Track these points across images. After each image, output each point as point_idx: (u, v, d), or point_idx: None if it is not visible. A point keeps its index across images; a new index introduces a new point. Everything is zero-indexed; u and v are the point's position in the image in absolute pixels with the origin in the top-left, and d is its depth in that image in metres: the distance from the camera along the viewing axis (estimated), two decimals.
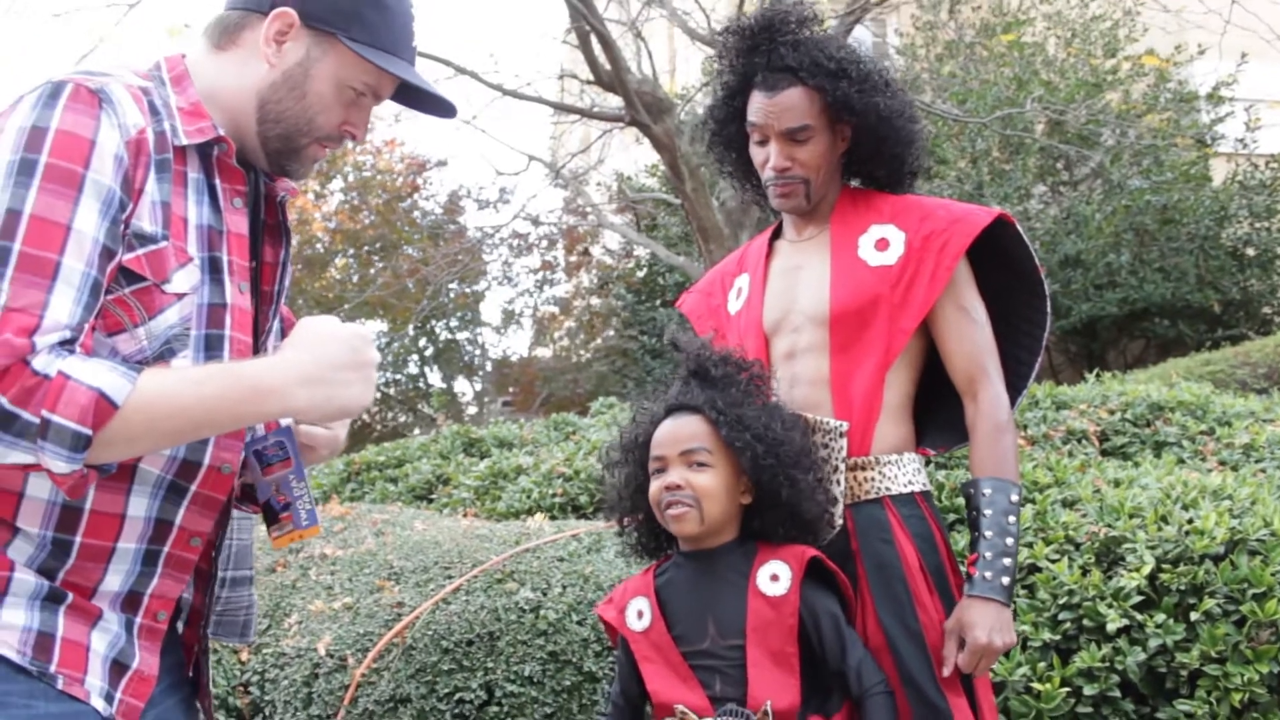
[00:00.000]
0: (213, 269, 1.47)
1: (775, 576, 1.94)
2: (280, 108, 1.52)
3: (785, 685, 1.87)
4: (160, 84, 1.49)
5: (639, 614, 2.01)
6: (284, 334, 1.71)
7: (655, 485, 1.99)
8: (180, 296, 1.42)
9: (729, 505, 1.98)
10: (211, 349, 1.46)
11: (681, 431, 1.99)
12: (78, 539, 1.39)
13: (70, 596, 1.39)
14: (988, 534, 2.00)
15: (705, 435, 1.98)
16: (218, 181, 1.50)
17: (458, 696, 3.04)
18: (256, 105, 1.52)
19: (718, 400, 2.00)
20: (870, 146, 2.17)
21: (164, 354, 1.41)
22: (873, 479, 2.07)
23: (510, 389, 16.44)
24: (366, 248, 15.61)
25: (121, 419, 1.28)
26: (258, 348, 1.59)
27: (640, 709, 2.04)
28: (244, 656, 3.51)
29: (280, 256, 1.64)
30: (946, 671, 1.96)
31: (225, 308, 1.47)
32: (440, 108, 1.65)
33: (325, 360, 1.40)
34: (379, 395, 16.87)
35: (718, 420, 1.98)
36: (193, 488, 1.48)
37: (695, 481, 1.95)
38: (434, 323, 15.77)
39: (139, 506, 1.43)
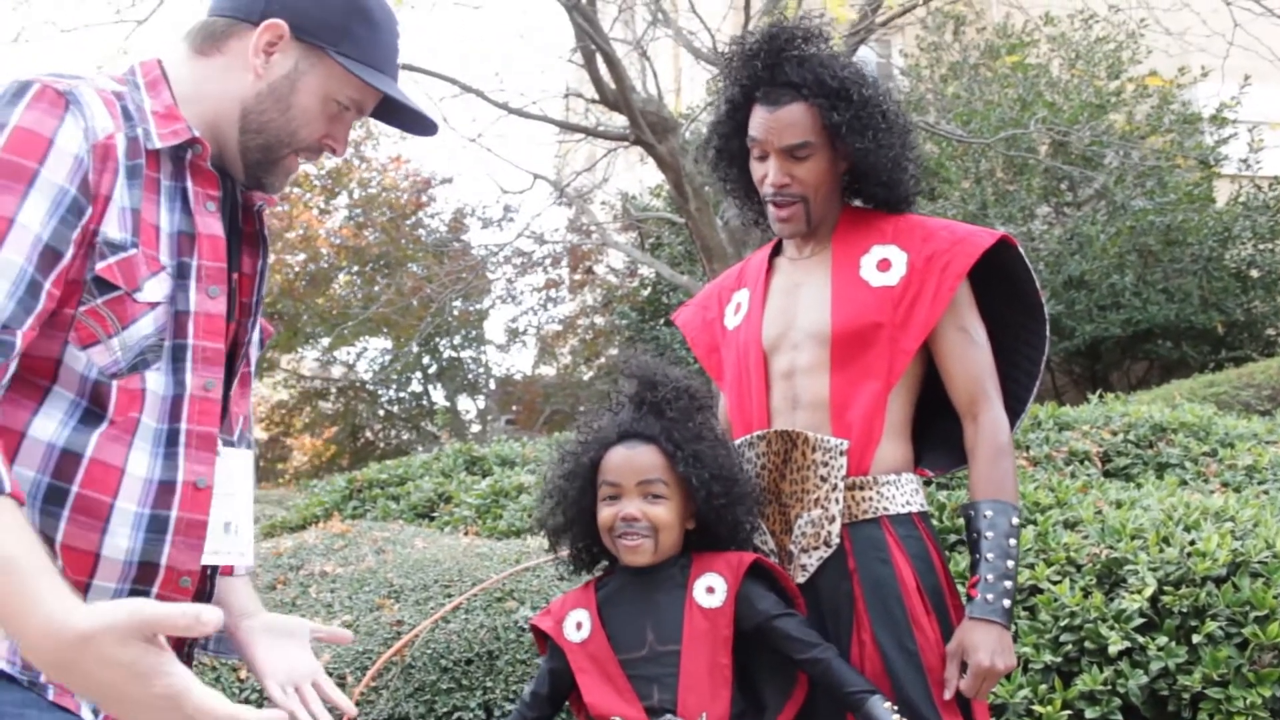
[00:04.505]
0: (179, 275, 1.44)
1: (711, 589, 1.96)
2: (264, 118, 1.51)
3: (717, 696, 1.89)
4: (134, 88, 1.47)
5: (578, 625, 2.02)
6: (262, 344, 1.70)
7: (608, 512, 2.01)
8: (153, 305, 1.40)
9: (680, 534, 2.02)
10: (177, 359, 1.43)
11: (639, 461, 2.01)
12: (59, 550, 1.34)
13: None
14: (989, 556, 1.99)
15: (661, 467, 2.01)
16: (189, 184, 1.47)
17: (456, 716, 3.03)
18: (240, 114, 1.50)
19: (674, 432, 2.02)
20: (865, 170, 2.16)
21: (137, 365, 1.39)
22: (871, 499, 2.06)
23: (514, 407, 16.46)
24: (370, 265, 15.64)
25: None
26: (236, 359, 1.56)
27: (550, 715, 2.06)
28: (242, 674, 3.50)
29: (258, 266, 1.61)
30: (948, 694, 1.95)
31: (188, 315, 1.44)
32: (422, 125, 1.64)
33: (93, 675, 1.07)
34: (382, 413, 16.87)
35: (674, 454, 2.00)
36: (173, 514, 1.42)
37: (651, 514, 1.98)
38: (438, 340, 15.79)
39: (117, 547, 1.37)
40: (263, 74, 1.50)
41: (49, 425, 1.34)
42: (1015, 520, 2.02)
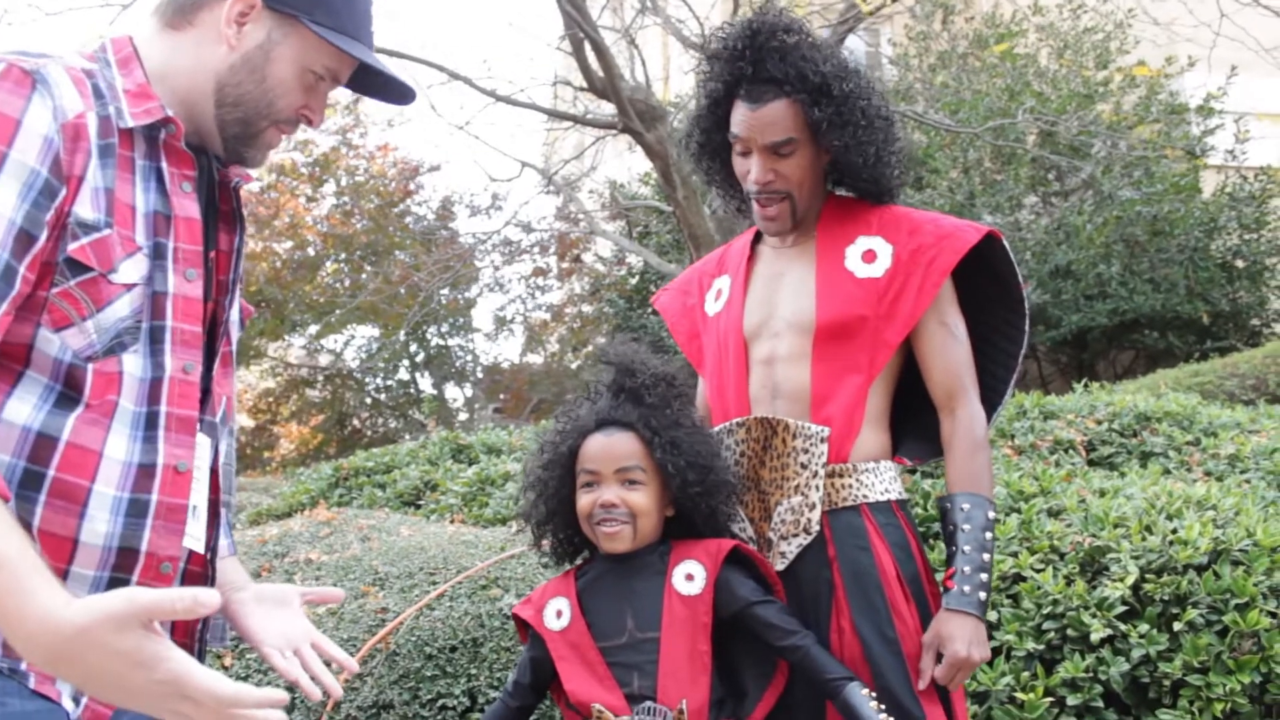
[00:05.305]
0: (156, 256, 1.42)
1: (690, 576, 1.97)
2: (239, 91, 1.48)
3: (696, 683, 1.90)
4: (105, 65, 1.44)
5: (558, 614, 2.03)
6: (242, 324, 1.69)
7: (587, 500, 2.02)
8: (129, 287, 1.38)
9: (659, 520, 2.03)
10: (155, 341, 1.41)
11: (617, 449, 2.01)
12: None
13: None
14: (965, 549, 2.00)
15: (639, 454, 2.01)
16: (164, 165, 1.45)
17: (441, 703, 3.04)
18: (214, 88, 1.48)
19: (651, 419, 2.03)
20: (846, 164, 2.15)
21: (114, 348, 1.37)
22: (850, 486, 2.07)
23: (501, 395, 16.44)
24: (358, 253, 15.60)
25: None
26: (215, 339, 1.54)
27: (533, 703, 2.07)
28: (227, 661, 3.49)
29: (235, 244, 1.59)
30: (923, 684, 1.96)
31: (166, 296, 1.42)
32: (399, 93, 1.62)
33: (94, 667, 1.07)
34: (369, 401, 16.85)
35: (652, 441, 2.01)
36: (153, 498, 1.41)
37: (630, 500, 1.99)
38: (425, 328, 15.77)
39: (95, 532, 1.36)
40: (235, 45, 1.47)
41: (23, 409, 1.32)
42: (991, 514, 2.03)
